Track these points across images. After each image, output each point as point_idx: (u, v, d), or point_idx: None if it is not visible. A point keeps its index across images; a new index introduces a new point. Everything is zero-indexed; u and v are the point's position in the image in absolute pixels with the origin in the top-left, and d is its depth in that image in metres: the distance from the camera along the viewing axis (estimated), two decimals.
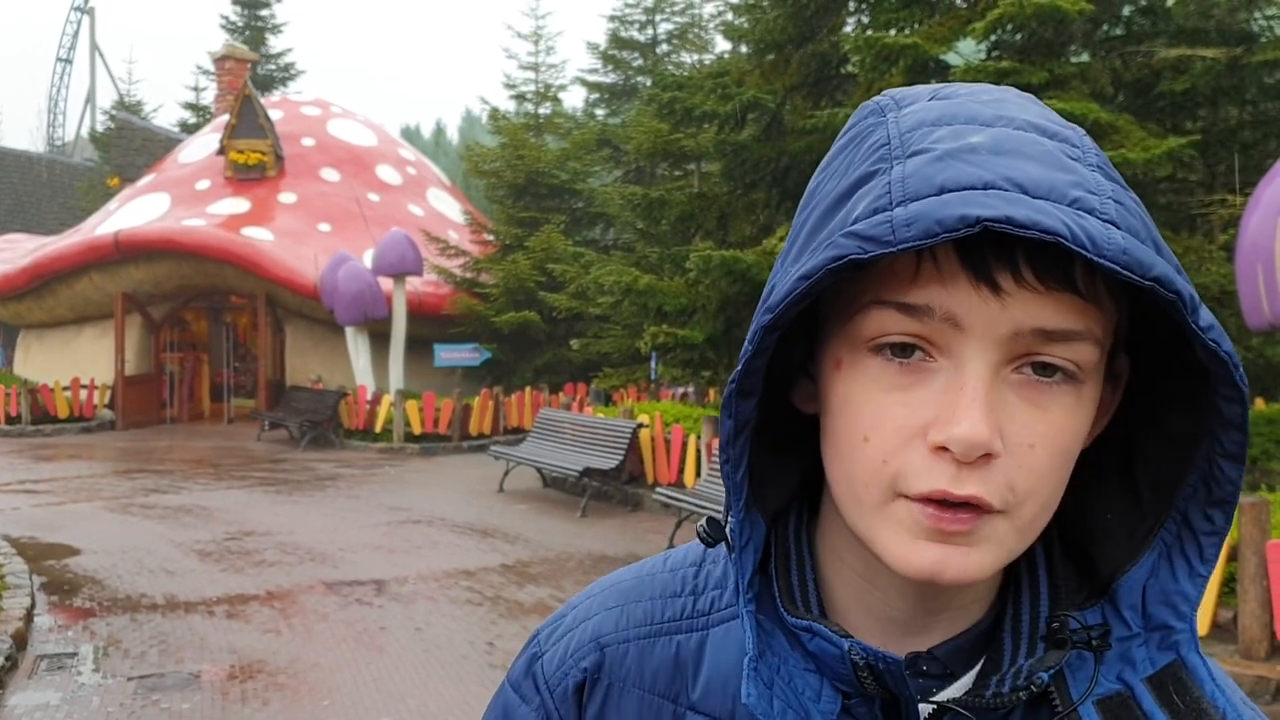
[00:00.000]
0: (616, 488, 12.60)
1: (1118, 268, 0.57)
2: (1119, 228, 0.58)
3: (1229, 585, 6.13)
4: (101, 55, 54.55)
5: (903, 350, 0.62)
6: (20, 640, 6.54)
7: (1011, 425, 0.61)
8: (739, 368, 0.66)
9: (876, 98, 0.70)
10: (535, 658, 0.83)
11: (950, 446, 0.59)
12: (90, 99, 53.37)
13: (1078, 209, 0.57)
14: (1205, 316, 0.60)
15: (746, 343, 0.65)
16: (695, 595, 0.80)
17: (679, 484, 11.85)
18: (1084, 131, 0.66)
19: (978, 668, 0.70)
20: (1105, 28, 11.19)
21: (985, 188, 0.57)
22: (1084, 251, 0.56)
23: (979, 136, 0.61)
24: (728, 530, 0.73)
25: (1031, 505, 0.62)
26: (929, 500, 0.61)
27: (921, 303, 0.61)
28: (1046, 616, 0.70)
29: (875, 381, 0.63)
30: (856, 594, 0.72)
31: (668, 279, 13.41)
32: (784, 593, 0.73)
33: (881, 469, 0.63)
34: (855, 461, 0.64)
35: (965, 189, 0.58)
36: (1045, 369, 0.62)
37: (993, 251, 0.59)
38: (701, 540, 0.76)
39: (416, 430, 18.30)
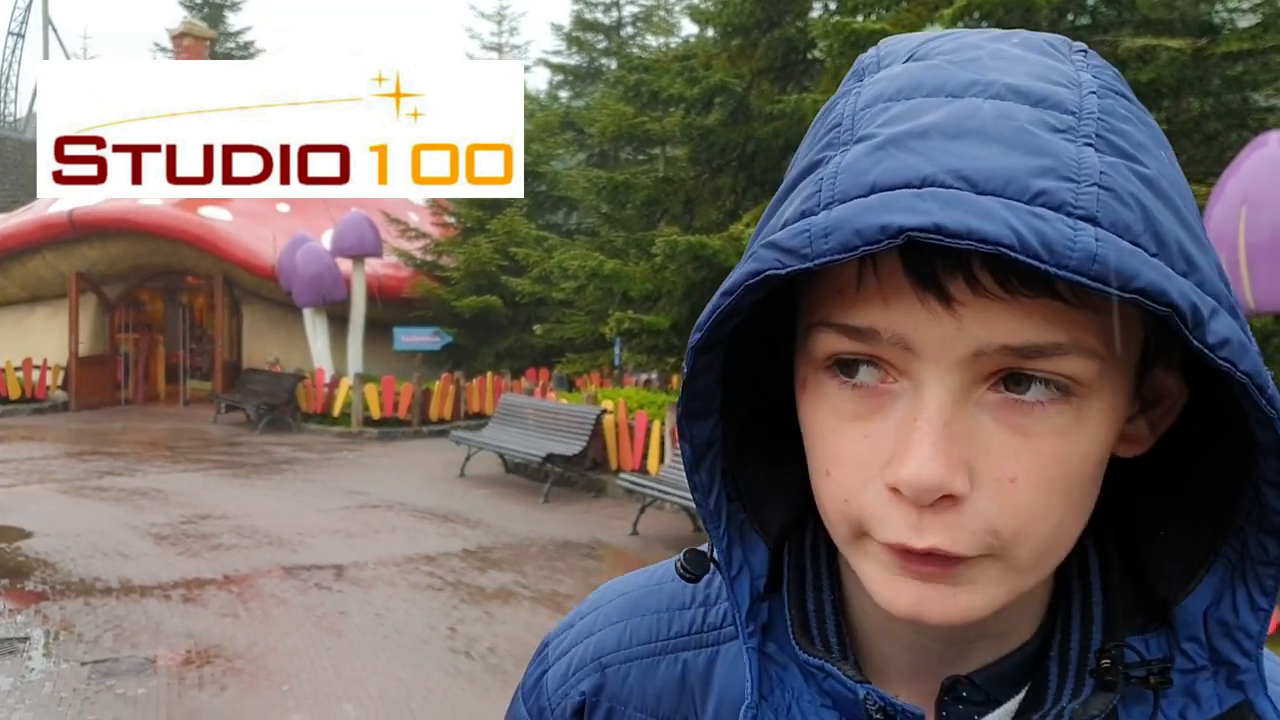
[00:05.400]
0: (579, 474, 12.53)
1: (1085, 279, 0.46)
2: (1098, 224, 0.47)
3: None
4: (55, 30, 53.62)
5: (851, 368, 0.54)
6: None
7: (986, 458, 0.52)
8: (682, 392, 0.60)
9: (874, 49, 0.60)
10: (543, 671, 0.77)
11: (900, 488, 0.51)
12: None
13: (1038, 205, 0.47)
14: (1218, 330, 0.49)
15: (685, 367, 0.59)
16: (706, 606, 0.72)
17: (642, 470, 11.81)
18: (1097, 82, 0.53)
19: (1020, 696, 0.61)
20: (1071, 17, 11.23)
21: (923, 184, 0.48)
22: (1037, 263, 0.46)
23: (936, 114, 0.51)
24: (712, 560, 0.66)
25: (1027, 547, 0.53)
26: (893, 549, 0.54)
27: (864, 325, 0.53)
28: (1098, 648, 0.60)
29: (834, 408, 0.56)
30: (884, 618, 0.63)
31: (633, 264, 13.34)
32: (797, 623, 0.64)
33: (845, 508, 0.55)
34: (823, 495, 0.57)
35: (898, 188, 0.49)
36: (1027, 382, 0.52)
37: (941, 255, 0.49)
38: (681, 576, 0.68)
39: (376, 414, 18.14)
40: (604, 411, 12.64)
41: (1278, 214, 6.77)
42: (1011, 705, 0.61)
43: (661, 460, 11.52)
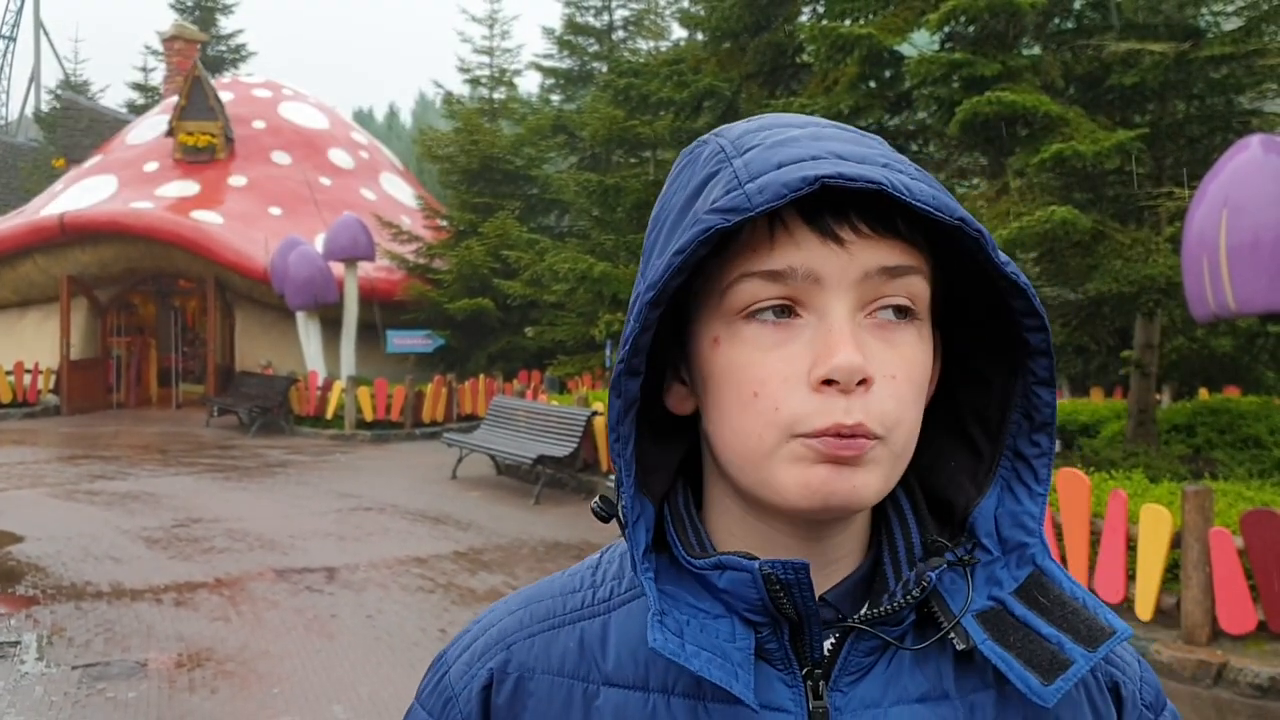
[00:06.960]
0: (570, 475, 12.58)
1: (930, 209, 0.68)
2: (925, 183, 0.70)
3: (1172, 572, 6.23)
4: (46, 33, 53.48)
5: (778, 311, 0.71)
6: None
7: (875, 360, 0.70)
8: (626, 348, 0.72)
9: (708, 138, 0.80)
10: (443, 673, 0.85)
11: (834, 376, 0.68)
12: (34, 78, 52.39)
13: (889, 170, 0.69)
14: (1004, 255, 0.71)
15: (633, 322, 0.71)
16: (594, 588, 0.83)
17: None
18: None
19: (867, 605, 0.77)
20: (1057, 21, 11.30)
21: (814, 159, 0.68)
22: (902, 197, 0.67)
23: (798, 131, 0.73)
24: (620, 508, 0.77)
25: (901, 432, 0.71)
26: (825, 434, 0.69)
27: (783, 267, 0.70)
28: (920, 541, 0.78)
29: (754, 344, 0.71)
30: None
31: (623, 266, 13.40)
32: (685, 547, 0.78)
33: (775, 416, 0.70)
34: (748, 416, 0.71)
35: (798, 161, 0.68)
36: (890, 310, 0.71)
37: (831, 213, 0.69)
38: (595, 515, 0.81)
39: (368, 417, 18.17)
40: (594, 413, 12.68)
41: (1259, 217, 6.84)
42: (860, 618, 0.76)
43: None
